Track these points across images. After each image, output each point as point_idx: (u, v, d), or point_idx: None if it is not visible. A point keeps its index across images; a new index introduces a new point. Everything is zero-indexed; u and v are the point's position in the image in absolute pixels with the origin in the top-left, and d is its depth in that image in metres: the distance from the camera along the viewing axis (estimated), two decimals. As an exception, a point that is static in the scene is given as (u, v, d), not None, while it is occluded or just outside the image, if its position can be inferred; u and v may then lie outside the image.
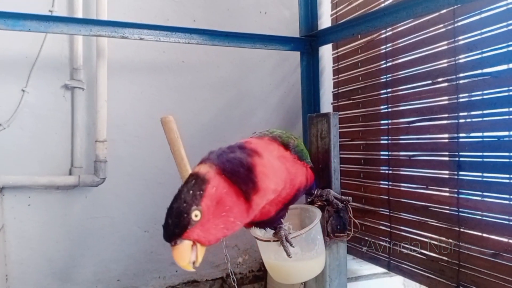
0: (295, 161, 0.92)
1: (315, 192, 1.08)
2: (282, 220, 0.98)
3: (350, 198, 1.07)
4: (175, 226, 0.76)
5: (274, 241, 0.97)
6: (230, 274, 1.34)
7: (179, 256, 0.76)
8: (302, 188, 0.98)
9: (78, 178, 2.17)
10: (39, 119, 2.16)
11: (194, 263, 0.80)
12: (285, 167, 0.87)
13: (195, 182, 0.79)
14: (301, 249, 1.00)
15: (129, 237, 2.37)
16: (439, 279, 1.76)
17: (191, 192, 0.77)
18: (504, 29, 1.54)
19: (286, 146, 0.93)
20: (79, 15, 2.15)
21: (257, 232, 1.06)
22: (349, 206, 1.08)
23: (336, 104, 2.40)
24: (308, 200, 1.12)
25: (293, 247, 0.95)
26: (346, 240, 1.11)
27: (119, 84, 2.29)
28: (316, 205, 1.07)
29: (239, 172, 0.80)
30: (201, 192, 0.77)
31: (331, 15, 2.44)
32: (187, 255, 0.77)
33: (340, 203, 1.06)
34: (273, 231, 0.99)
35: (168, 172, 2.30)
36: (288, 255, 0.94)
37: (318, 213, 1.02)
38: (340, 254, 1.12)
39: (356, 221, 1.06)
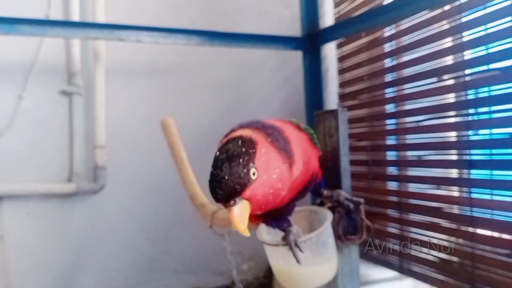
0: (309, 143, 0.89)
1: (324, 193, 1.03)
2: (290, 219, 0.93)
3: (362, 199, 1.01)
4: (236, 183, 0.72)
5: (282, 245, 0.92)
6: (236, 282, 1.29)
7: (240, 217, 0.71)
8: (313, 178, 0.94)
9: (77, 185, 2.12)
10: (36, 125, 2.11)
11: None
12: (302, 146, 0.84)
13: (243, 142, 0.76)
14: (312, 253, 0.95)
15: (130, 245, 2.31)
16: (452, 280, 1.70)
17: (243, 149, 0.74)
18: (511, 23, 1.50)
19: (297, 127, 0.91)
20: (76, 18, 2.11)
21: (265, 236, 1.01)
22: (361, 207, 1.02)
23: (342, 104, 2.35)
24: (317, 201, 1.06)
25: (302, 252, 0.89)
26: (358, 243, 1.06)
27: (117, 88, 2.25)
28: (325, 207, 1.01)
29: (281, 141, 0.79)
30: (253, 151, 0.75)
31: (334, 14, 2.40)
32: (246, 216, 0.72)
33: (351, 204, 1.01)
34: (281, 235, 0.94)
35: (169, 177, 2.23)
36: (298, 261, 0.89)
37: (328, 215, 0.97)
38: (352, 258, 1.06)
39: (368, 222, 1.01)
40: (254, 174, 0.73)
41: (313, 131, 1.00)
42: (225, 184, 0.73)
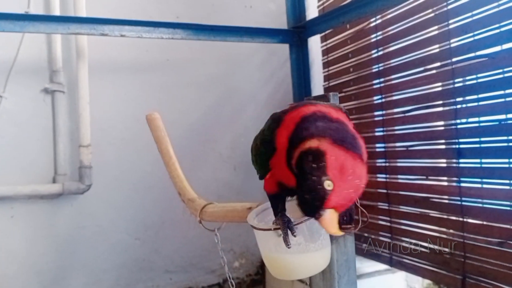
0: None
1: None
2: (285, 205, 0.99)
3: None
4: (314, 199, 0.79)
5: (275, 229, 0.91)
6: (228, 278, 1.26)
7: (329, 224, 0.80)
8: None
9: (62, 186, 2.07)
10: (19, 125, 2.06)
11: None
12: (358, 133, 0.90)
13: (313, 156, 0.81)
14: (305, 239, 0.93)
15: (119, 246, 2.27)
16: (444, 272, 1.70)
17: (314, 165, 0.80)
18: (496, 9, 1.50)
19: (341, 111, 0.94)
20: (56, 13, 2.06)
21: (255, 221, 0.99)
22: (356, 196, 1.01)
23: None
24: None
25: (294, 236, 0.88)
26: (354, 233, 1.04)
27: (102, 85, 2.20)
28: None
29: (349, 140, 0.84)
30: (323, 163, 0.80)
31: (318, 6, 2.38)
32: (335, 221, 0.80)
33: (346, 193, 1.00)
34: (272, 219, 0.93)
35: (156, 175, 2.21)
36: (287, 245, 0.88)
37: None
38: (348, 248, 1.05)
39: (363, 210, 1.00)
40: (329, 185, 0.78)
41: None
42: (306, 201, 0.80)
